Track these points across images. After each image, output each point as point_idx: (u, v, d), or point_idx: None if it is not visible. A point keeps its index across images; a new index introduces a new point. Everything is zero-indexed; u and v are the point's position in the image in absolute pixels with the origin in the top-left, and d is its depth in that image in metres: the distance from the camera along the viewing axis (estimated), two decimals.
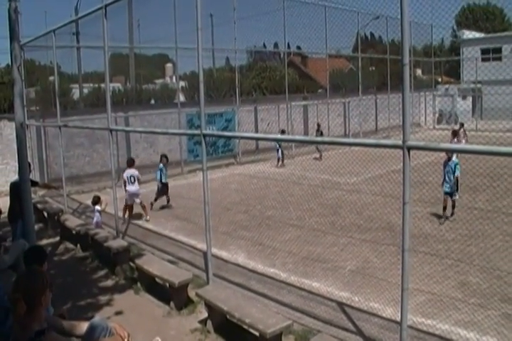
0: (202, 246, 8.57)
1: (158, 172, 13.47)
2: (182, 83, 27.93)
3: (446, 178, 11.55)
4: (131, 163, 12.64)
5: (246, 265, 8.83)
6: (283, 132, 21.27)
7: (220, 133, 11.30)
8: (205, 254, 7.96)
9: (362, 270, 8.37)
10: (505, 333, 6.10)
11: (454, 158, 11.63)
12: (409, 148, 4.77)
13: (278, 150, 19.83)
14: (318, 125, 22.82)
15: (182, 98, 26.13)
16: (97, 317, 3.94)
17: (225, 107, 22.33)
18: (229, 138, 18.38)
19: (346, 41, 31.26)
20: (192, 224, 11.31)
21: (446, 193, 11.46)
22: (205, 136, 7.49)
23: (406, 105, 4.86)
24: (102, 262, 9.34)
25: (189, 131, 11.44)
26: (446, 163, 11.66)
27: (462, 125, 23.07)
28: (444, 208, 11.26)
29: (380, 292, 7.30)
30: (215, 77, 30.36)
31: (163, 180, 13.31)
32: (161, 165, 13.38)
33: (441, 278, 7.91)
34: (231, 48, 23.43)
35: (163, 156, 13.61)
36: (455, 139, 21.38)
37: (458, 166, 11.73)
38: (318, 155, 20.99)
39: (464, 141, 21.55)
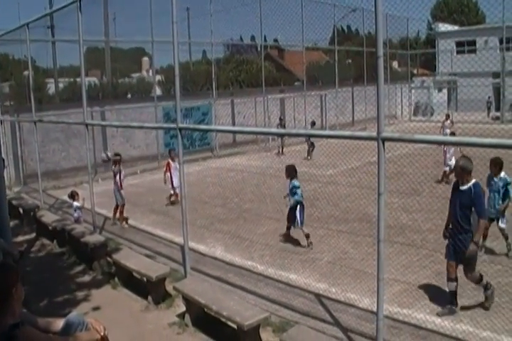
0: (179, 239, 8.55)
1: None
2: (158, 77, 27.77)
3: (492, 200, 8.85)
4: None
5: (224, 258, 8.85)
6: (313, 124, 21.43)
7: (196, 126, 11.26)
8: (182, 248, 7.95)
9: (339, 261, 8.44)
10: (478, 320, 6.21)
11: (502, 174, 8.86)
12: (384, 140, 4.81)
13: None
14: (281, 119, 22.88)
15: (159, 91, 26.00)
16: (73, 313, 3.92)
17: (201, 100, 22.27)
18: (205, 131, 18.32)
19: (323, 34, 31.38)
20: (169, 218, 11.30)
21: (490, 219, 8.52)
22: (181, 129, 7.48)
23: (380, 97, 4.91)
24: (79, 258, 9.28)
25: (165, 125, 11.40)
26: (490, 179, 9.03)
27: (448, 116, 23.24)
28: (485, 237, 8.58)
29: (356, 282, 7.38)
30: (191, 70, 30.26)
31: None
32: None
33: (417, 267, 8.02)
34: (208, 41, 23.38)
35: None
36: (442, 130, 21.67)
37: (511, 187, 8.85)
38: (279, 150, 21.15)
39: (448, 131, 21.75)
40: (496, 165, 8.92)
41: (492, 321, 6.11)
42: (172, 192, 13.17)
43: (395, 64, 41.19)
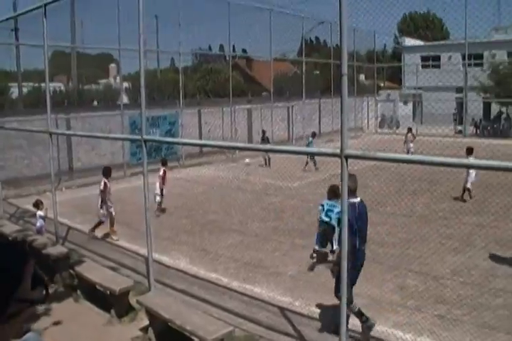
0: (144, 251, 8.47)
1: None
2: (126, 84, 27.56)
3: None
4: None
5: (188, 270, 8.82)
6: (314, 135, 21.38)
7: (162, 138, 11.21)
8: (146, 260, 7.88)
9: (303, 275, 8.49)
10: (438, 333, 6.33)
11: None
12: (347, 157, 4.87)
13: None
14: (264, 131, 22.84)
15: (125, 99, 25.80)
16: (29, 334, 3.82)
17: (168, 110, 22.17)
18: (170, 143, 18.21)
19: (291, 45, 31.65)
20: (134, 230, 11.20)
21: None
22: (146, 141, 7.43)
23: (344, 115, 4.96)
24: (40, 270, 9.08)
25: (130, 136, 11.31)
26: None
27: (410, 129, 23.75)
28: None
29: (320, 296, 7.43)
30: (159, 79, 30.13)
31: None
32: None
33: (381, 281, 8.13)
34: (176, 51, 23.33)
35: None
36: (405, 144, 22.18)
37: None
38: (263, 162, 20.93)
39: (411, 144, 22.27)
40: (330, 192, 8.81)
41: (453, 333, 6.24)
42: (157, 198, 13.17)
43: (362, 77, 41.78)
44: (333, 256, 8.21)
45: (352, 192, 5.97)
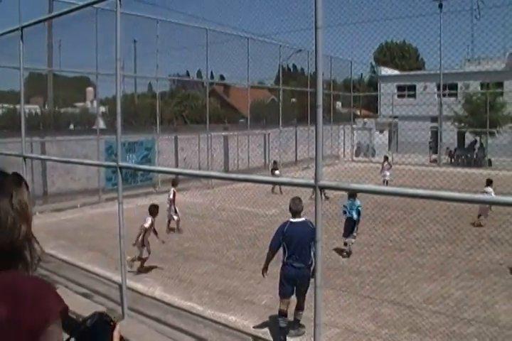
0: (118, 278, 8.38)
1: None
2: (103, 108, 27.50)
3: None
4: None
5: (162, 298, 8.72)
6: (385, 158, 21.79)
7: (137, 166, 11.18)
8: (120, 287, 7.80)
9: (278, 303, 8.45)
10: None
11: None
12: (322, 188, 4.93)
13: None
14: (275, 162, 23.83)
15: (102, 124, 25.70)
16: None
17: (145, 135, 22.16)
18: (146, 171, 18.12)
19: (269, 72, 32.01)
20: (108, 256, 11.07)
21: None
22: (121, 168, 7.42)
23: (319, 146, 5.01)
24: None
25: (105, 163, 11.24)
26: None
27: (386, 158, 24.12)
28: None
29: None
30: (136, 104, 30.13)
31: None
32: None
33: (356, 310, 8.14)
34: (153, 76, 23.43)
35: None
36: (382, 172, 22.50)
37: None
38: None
39: (388, 173, 22.55)
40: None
41: None
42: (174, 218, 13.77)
43: (339, 105, 42.36)
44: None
45: (294, 213, 7.15)
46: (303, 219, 7.13)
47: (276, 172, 22.38)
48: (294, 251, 7.02)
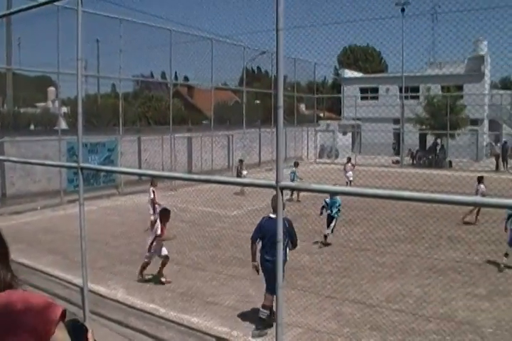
0: (79, 281, 8.27)
1: None
2: (65, 109, 27.07)
3: None
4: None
5: (125, 301, 8.64)
6: (296, 164, 21.26)
7: (99, 167, 11.08)
8: (82, 290, 7.70)
9: (241, 304, 8.48)
10: None
11: None
12: (282, 188, 4.96)
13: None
14: (241, 161, 23.60)
15: (64, 125, 25.31)
16: None
17: (108, 136, 21.92)
18: (108, 172, 17.94)
19: (233, 74, 32.00)
20: (69, 259, 10.92)
21: None
22: (82, 169, 7.33)
23: (279, 147, 5.03)
24: None
25: (67, 164, 11.06)
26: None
27: (349, 159, 24.42)
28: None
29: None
30: (99, 104, 29.77)
31: None
32: None
33: (318, 309, 8.22)
34: (116, 77, 23.19)
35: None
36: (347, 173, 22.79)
37: None
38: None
39: (351, 174, 22.87)
40: None
41: None
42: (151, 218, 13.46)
43: (303, 107, 42.61)
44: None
45: (274, 209, 6.87)
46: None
47: (244, 172, 22.35)
48: (266, 245, 7.46)
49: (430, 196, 4.34)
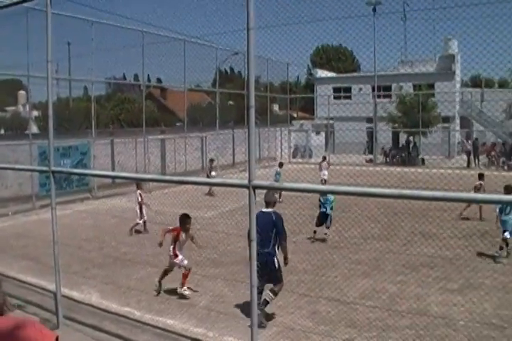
0: (52, 287, 8.18)
1: None
2: (35, 112, 26.76)
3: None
4: None
5: (99, 305, 8.55)
6: (281, 165, 21.38)
7: (71, 170, 11.00)
8: (55, 296, 7.62)
9: (217, 304, 8.48)
10: None
11: None
12: (255, 188, 5.00)
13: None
14: (212, 160, 23.64)
15: (35, 129, 25.03)
16: None
17: (80, 139, 21.70)
18: (80, 175, 17.72)
19: (206, 75, 31.97)
20: (41, 264, 10.79)
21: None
22: (54, 172, 7.27)
23: (251, 147, 5.09)
24: None
25: (38, 168, 10.97)
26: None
27: (324, 158, 24.61)
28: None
29: (234, 326, 7.44)
30: (71, 107, 29.51)
31: None
32: None
33: (293, 308, 8.25)
34: (88, 79, 22.98)
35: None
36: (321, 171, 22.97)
37: None
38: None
39: (325, 172, 23.03)
40: None
41: None
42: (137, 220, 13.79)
43: (276, 107, 42.71)
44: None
45: (266, 204, 7.82)
46: (271, 210, 7.83)
47: (213, 173, 22.31)
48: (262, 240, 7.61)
49: (401, 192, 4.41)
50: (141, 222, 13.98)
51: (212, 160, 23.49)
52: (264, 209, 7.82)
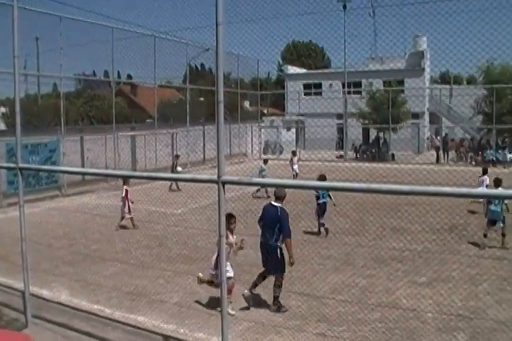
0: (20, 285, 8.07)
1: None
2: (3, 109, 26.33)
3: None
4: None
5: (69, 303, 8.46)
6: (266, 161, 21.48)
7: (39, 167, 10.84)
8: (23, 295, 7.53)
9: (187, 301, 8.47)
10: None
11: None
12: (224, 183, 5.01)
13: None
14: (177, 156, 23.43)
15: (2, 126, 24.63)
16: None
17: (49, 136, 21.39)
18: (49, 172, 17.50)
19: (177, 71, 31.79)
20: (9, 262, 10.62)
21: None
22: (21, 169, 7.18)
23: (221, 142, 5.09)
24: None
25: (5, 165, 10.80)
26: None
27: (294, 153, 24.78)
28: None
29: (205, 322, 7.45)
30: (39, 104, 29.09)
31: None
32: None
33: (264, 303, 8.28)
34: (57, 75, 22.64)
35: None
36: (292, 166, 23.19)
37: None
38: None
39: (296, 166, 23.26)
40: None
41: None
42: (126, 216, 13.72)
43: (247, 103, 42.70)
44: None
45: (276, 198, 8.25)
46: (279, 204, 8.19)
47: (179, 168, 22.21)
48: (262, 229, 8.26)
49: (370, 186, 4.47)
50: (128, 217, 13.86)
51: (177, 156, 23.38)
52: (274, 202, 8.21)
